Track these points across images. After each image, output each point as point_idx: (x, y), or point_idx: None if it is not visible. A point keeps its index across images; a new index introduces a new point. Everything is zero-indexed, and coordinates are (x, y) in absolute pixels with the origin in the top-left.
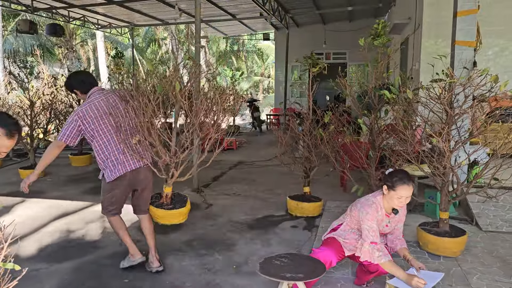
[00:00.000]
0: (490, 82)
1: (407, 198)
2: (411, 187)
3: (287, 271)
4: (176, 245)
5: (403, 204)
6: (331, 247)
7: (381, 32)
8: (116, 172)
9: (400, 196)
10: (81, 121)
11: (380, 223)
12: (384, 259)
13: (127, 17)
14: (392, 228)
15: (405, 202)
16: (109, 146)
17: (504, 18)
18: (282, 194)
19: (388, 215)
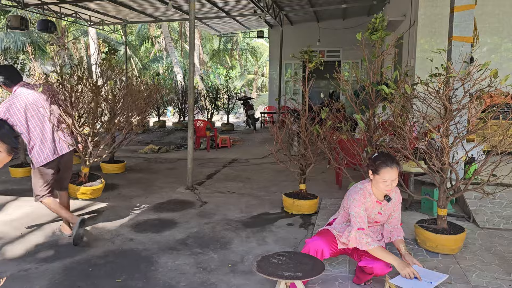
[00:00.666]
0: (489, 77)
1: (392, 181)
2: (395, 169)
3: (285, 270)
4: (170, 243)
5: (390, 188)
6: (323, 237)
7: (379, 26)
8: (43, 159)
9: (385, 180)
10: (8, 113)
11: (371, 210)
12: (372, 245)
13: (120, 13)
14: (386, 216)
15: (391, 186)
16: (35, 134)
17: (498, 15)
18: (277, 191)
19: (379, 202)
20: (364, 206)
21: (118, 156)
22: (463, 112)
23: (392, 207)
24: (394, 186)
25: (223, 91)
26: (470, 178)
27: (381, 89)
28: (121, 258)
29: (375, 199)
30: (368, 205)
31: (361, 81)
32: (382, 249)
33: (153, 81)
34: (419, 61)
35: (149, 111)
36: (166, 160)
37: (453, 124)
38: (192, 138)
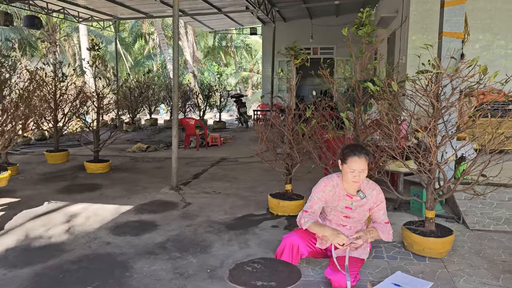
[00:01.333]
0: (478, 73)
1: (360, 172)
2: (363, 160)
3: (259, 279)
4: (148, 247)
5: (358, 180)
6: (301, 233)
7: (365, 21)
8: None
9: (352, 170)
10: None
11: (337, 202)
12: (308, 223)
13: (110, 10)
14: (359, 213)
15: (359, 177)
16: None
17: (489, 11)
18: (264, 192)
19: (350, 196)
20: (323, 194)
21: (104, 155)
22: (451, 110)
23: (368, 205)
24: (362, 178)
25: (215, 89)
26: (458, 178)
27: (366, 86)
28: (95, 263)
29: (344, 192)
30: (331, 196)
31: (349, 78)
32: (317, 224)
33: (144, 78)
34: (411, 58)
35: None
36: (154, 159)
37: (441, 123)
38: (176, 136)
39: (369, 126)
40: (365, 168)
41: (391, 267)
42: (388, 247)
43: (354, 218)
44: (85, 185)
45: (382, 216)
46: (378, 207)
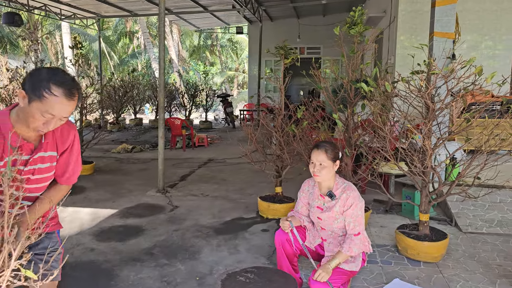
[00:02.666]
0: (474, 74)
1: (320, 165)
2: (322, 152)
3: None
4: (134, 254)
5: (317, 173)
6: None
7: (358, 20)
8: None
9: (312, 162)
10: None
11: (312, 201)
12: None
13: (93, 7)
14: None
15: (319, 171)
16: None
17: (478, 12)
18: (253, 194)
19: (323, 196)
20: (303, 194)
21: (88, 156)
22: (446, 112)
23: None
24: (322, 173)
25: (201, 88)
26: (454, 181)
27: (360, 87)
28: (78, 272)
29: (319, 192)
30: (308, 196)
31: (339, 79)
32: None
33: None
34: (399, 58)
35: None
36: (139, 160)
37: (436, 125)
38: (163, 137)
39: (361, 126)
40: (325, 162)
41: (386, 272)
42: (382, 251)
43: (325, 221)
44: None
45: (351, 224)
46: (347, 212)
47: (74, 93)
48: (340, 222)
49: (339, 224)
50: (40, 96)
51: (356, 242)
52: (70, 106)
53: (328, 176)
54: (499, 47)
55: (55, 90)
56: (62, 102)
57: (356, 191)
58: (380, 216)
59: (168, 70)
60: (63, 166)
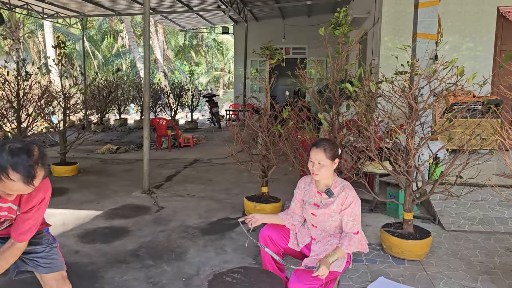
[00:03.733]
0: (456, 75)
1: (319, 163)
2: (320, 151)
3: None
4: (119, 255)
5: (316, 172)
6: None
7: (342, 21)
8: None
9: (311, 160)
10: None
11: (309, 199)
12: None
13: (77, 6)
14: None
15: (318, 170)
16: None
17: (459, 14)
18: (239, 194)
19: (320, 193)
20: (298, 191)
21: (71, 157)
22: (428, 112)
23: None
24: (323, 173)
25: (187, 88)
26: (437, 180)
27: (344, 87)
28: None
29: (316, 189)
30: (304, 193)
31: (324, 79)
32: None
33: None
34: (383, 59)
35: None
36: (124, 161)
37: (419, 124)
38: (148, 138)
39: (346, 126)
40: (323, 161)
41: (371, 270)
42: None
43: (319, 217)
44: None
45: (349, 223)
46: (345, 210)
47: (31, 180)
48: (335, 220)
49: (332, 222)
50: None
51: (355, 240)
52: (28, 189)
53: (327, 175)
54: (480, 48)
55: (12, 175)
56: (19, 186)
57: (354, 191)
58: (365, 215)
59: (153, 70)
60: (19, 223)
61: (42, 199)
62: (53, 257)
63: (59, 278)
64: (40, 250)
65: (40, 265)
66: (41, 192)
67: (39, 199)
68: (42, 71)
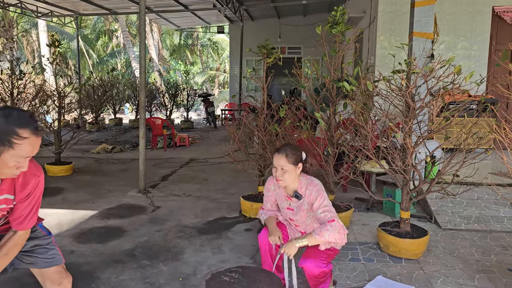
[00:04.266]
0: (453, 73)
1: (282, 169)
2: (282, 156)
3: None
4: (115, 255)
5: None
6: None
7: (339, 20)
8: None
9: (274, 166)
10: None
11: (280, 202)
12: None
13: (71, 5)
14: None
15: (280, 173)
16: None
17: (454, 13)
18: (236, 193)
19: (289, 197)
20: (269, 193)
21: (66, 156)
22: (425, 111)
23: (306, 206)
24: (285, 177)
25: (182, 88)
26: (434, 179)
27: (342, 86)
28: None
29: (285, 193)
30: (276, 196)
31: (321, 78)
32: (269, 219)
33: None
34: (379, 58)
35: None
36: (119, 160)
37: (416, 123)
38: (143, 137)
39: (343, 125)
40: (286, 166)
41: (368, 269)
42: (364, 249)
43: (298, 220)
44: (46, 189)
45: (322, 214)
46: (314, 205)
47: (39, 126)
48: (312, 217)
49: (311, 220)
50: (12, 144)
51: (329, 228)
52: (39, 141)
53: (290, 180)
54: (475, 47)
55: (23, 132)
56: (32, 141)
57: (318, 184)
58: (362, 214)
59: (149, 69)
60: (17, 212)
61: (37, 184)
62: (52, 251)
63: (61, 270)
64: (38, 245)
65: (40, 260)
66: (35, 177)
67: (34, 184)
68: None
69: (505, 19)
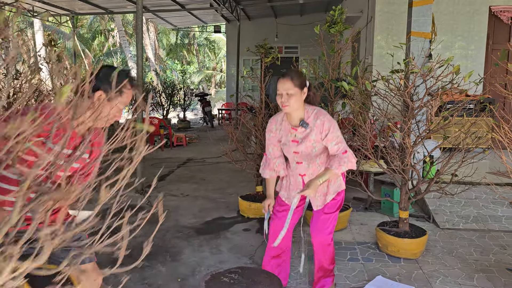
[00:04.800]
0: (452, 73)
1: (287, 94)
2: (287, 80)
3: None
4: (113, 256)
5: (285, 104)
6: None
7: (338, 19)
8: None
9: (279, 93)
10: None
11: (285, 138)
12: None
13: (67, 4)
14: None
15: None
16: None
17: (451, 13)
18: (234, 193)
19: (295, 128)
20: (271, 134)
21: None
22: (424, 110)
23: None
24: (291, 102)
25: (179, 87)
26: (432, 179)
27: (340, 85)
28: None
29: (290, 126)
30: (279, 133)
31: (319, 77)
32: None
33: None
34: (377, 58)
35: None
36: None
37: (415, 123)
38: None
39: (342, 125)
40: (291, 90)
41: (367, 269)
42: (363, 248)
43: (303, 153)
44: None
45: (335, 147)
46: (327, 137)
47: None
48: (318, 149)
49: (316, 152)
50: (121, 92)
51: (345, 160)
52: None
53: (297, 105)
54: (472, 47)
55: (127, 84)
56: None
57: (327, 114)
58: (360, 214)
59: (145, 69)
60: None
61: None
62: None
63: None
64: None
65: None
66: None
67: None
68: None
69: (502, 18)
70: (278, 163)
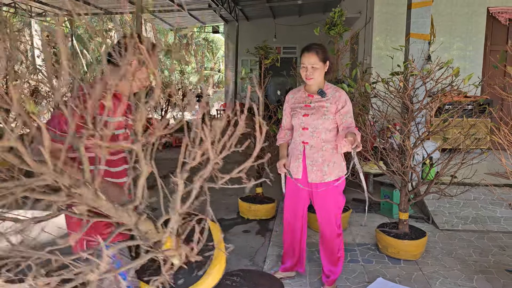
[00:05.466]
0: (451, 75)
1: (312, 67)
2: (312, 54)
3: None
4: None
5: (310, 76)
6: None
7: (337, 21)
8: None
9: (304, 66)
10: None
11: (297, 104)
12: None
13: (65, 5)
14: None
15: (311, 73)
16: None
17: (449, 14)
18: (233, 195)
19: (311, 95)
20: (287, 104)
21: None
22: (423, 112)
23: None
24: (315, 75)
25: (177, 88)
26: (432, 180)
27: (340, 87)
28: None
29: (306, 93)
30: (293, 102)
31: None
32: (281, 146)
33: None
34: (375, 59)
35: None
36: None
37: (414, 125)
38: None
39: None
40: (316, 64)
41: (368, 271)
42: (363, 250)
43: (311, 117)
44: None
45: (349, 119)
46: (343, 109)
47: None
48: (327, 119)
49: (325, 121)
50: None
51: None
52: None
53: (320, 78)
54: (470, 48)
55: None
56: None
57: (345, 93)
58: (360, 215)
59: None
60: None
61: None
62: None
63: None
64: None
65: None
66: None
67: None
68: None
69: (500, 20)
70: (288, 133)
